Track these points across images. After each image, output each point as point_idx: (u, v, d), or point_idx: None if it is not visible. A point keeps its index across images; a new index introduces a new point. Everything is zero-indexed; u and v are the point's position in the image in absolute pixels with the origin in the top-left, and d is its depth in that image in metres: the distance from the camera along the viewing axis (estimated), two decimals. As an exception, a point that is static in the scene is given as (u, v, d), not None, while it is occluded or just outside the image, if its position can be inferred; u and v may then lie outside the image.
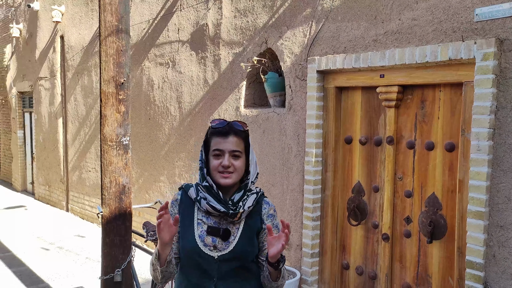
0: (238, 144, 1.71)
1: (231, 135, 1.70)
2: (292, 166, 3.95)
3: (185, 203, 1.77)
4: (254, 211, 1.75)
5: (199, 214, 1.74)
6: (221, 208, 1.67)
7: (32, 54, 9.07)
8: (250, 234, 1.73)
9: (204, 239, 1.70)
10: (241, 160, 1.71)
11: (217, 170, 1.69)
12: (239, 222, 1.73)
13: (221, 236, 1.69)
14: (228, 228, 1.70)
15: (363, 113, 3.57)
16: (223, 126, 1.71)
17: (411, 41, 3.11)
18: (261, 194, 1.80)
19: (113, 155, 3.24)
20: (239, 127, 1.72)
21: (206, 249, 1.69)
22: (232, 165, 1.69)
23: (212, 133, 1.73)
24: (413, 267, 3.31)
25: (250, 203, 1.72)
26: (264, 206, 1.79)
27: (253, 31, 4.28)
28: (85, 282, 4.76)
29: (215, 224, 1.71)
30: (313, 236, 3.79)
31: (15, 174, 10.57)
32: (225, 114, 4.62)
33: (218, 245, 1.69)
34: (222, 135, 1.70)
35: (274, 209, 1.82)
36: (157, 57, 5.57)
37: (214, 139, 1.71)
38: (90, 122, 7.22)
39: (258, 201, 1.77)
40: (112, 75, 3.19)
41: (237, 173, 1.71)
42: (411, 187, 3.28)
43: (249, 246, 1.72)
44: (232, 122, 1.74)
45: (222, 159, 1.68)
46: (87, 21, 7.13)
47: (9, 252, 5.75)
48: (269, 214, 1.78)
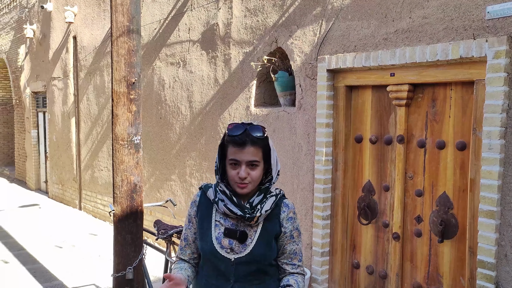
0: (256, 153, 1.64)
1: (248, 145, 1.62)
2: (302, 165, 3.96)
3: (204, 203, 1.76)
4: (273, 214, 1.71)
5: (217, 215, 1.73)
6: (238, 211, 1.66)
7: (46, 54, 9.20)
8: (268, 237, 1.70)
9: (221, 241, 1.69)
10: (259, 168, 1.66)
11: (235, 180, 1.66)
12: (257, 225, 1.70)
13: (238, 238, 1.67)
14: (245, 231, 1.68)
15: (373, 112, 3.56)
16: (240, 133, 1.62)
17: (422, 40, 3.09)
18: (280, 196, 1.75)
19: (124, 154, 3.28)
20: (257, 134, 1.64)
21: (223, 251, 1.68)
22: (249, 176, 1.64)
23: (229, 141, 1.65)
24: (424, 267, 3.29)
25: (268, 206, 1.68)
26: (283, 209, 1.74)
27: (263, 30, 4.29)
28: (98, 279, 4.82)
29: (233, 226, 1.70)
30: (323, 235, 3.79)
31: (29, 173, 10.73)
32: (235, 113, 4.64)
33: (235, 248, 1.68)
34: (238, 145, 1.62)
35: (293, 211, 1.77)
36: (168, 56, 5.61)
37: (230, 147, 1.65)
38: (102, 121, 7.30)
39: (277, 204, 1.73)
40: (123, 75, 3.23)
41: (253, 182, 1.67)
42: (422, 186, 3.27)
43: (267, 249, 1.69)
44: (250, 127, 1.65)
45: (239, 169, 1.63)
46: (99, 21, 7.20)
47: (24, 250, 5.84)
48: (289, 217, 1.74)
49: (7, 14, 11.69)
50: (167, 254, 3.50)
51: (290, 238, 1.74)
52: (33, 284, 4.71)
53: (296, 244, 1.75)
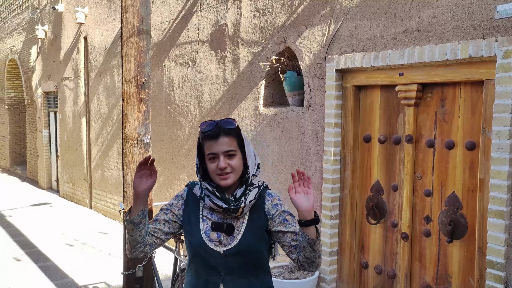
0: (231, 143, 1.70)
1: (221, 136, 1.69)
2: (310, 165, 3.97)
3: (191, 200, 1.81)
4: (257, 205, 1.75)
5: (204, 211, 1.77)
6: (223, 204, 1.70)
7: (57, 55, 9.30)
8: (254, 228, 1.73)
9: (210, 235, 1.72)
10: (237, 157, 1.71)
11: (216, 173, 1.70)
12: (243, 216, 1.74)
13: (225, 231, 1.71)
14: (232, 223, 1.72)
15: (382, 112, 3.56)
16: (212, 128, 1.70)
17: (431, 39, 3.09)
18: (263, 188, 1.79)
19: (134, 153, 3.31)
20: (228, 125, 1.71)
21: (212, 245, 1.71)
22: (228, 165, 1.69)
23: (203, 138, 1.72)
24: (433, 267, 3.28)
25: (251, 197, 1.72)
26: (267, 198, 1.77)
27: (272, 30, 4.31)
28: (108, 277, 4.88)
29: (219, 219, 1.74)
30: (331, 234, 3.80)
31: (41, 172, 10.86)
32: (244, 113, 4.66)
33: (223, 240, 1.71)
34: (212, 138, 1.69)
35: (278, 198, 1.79)
36: (177, 57, 5.65)
37: (206, 143, 1.72)
38: (112, 121, 7.37)
39: (261, 195, 1.77)
40: (133, 75, 3.26)
41: (235, 172, 1.71)
42: (431, 186, 3.26)
43: (254, 240, 1.72)
44: (221, 121, 1.72)
45: (218, 161, 1.68)
46: (110, 22, 7.27)
47: (35, 248, 5.93)
48: (273, 205, 1.77)
49: (19, 15, 11.84)
50: (176, 252, 3.53)
51: (283, 222, 1.74)
52: (45, 281, 4.77)
53: (293, 225, 1.74)
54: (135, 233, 1.71)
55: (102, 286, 4.67)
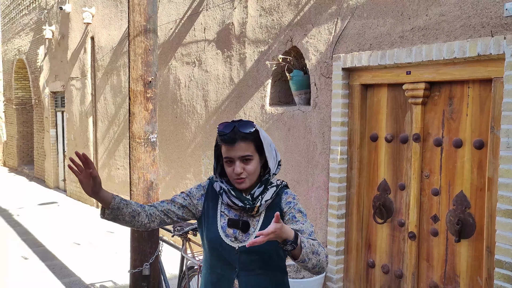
0: (247, 148, 1.69)
1: (238, 141, 1.68)
2: (317, 164, 3.96)
3: (211, 194, 1.83)
4: (274, 203, 1.76)
5: (222, 206, 1.79)
6: (239, 203, 1.72)
7: (64, 55, 9.36)
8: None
9: (226, 230, 1.74)
10: (254, 161, 1.72)
11: (232, 177, 1.73)
12: (259, 215, 1.75)
13: (241, 228, 1.72)
14: (248, 221, 1.73)
15: (389, 111, 3.54)
16: (228, 132, 1.68)
17: (439, 37, 3.07)
18: (282, 187, 1.79)
19: (141, 152, 3.32)
20: (245, 130, 1.69)
21: (228, 240, 1.73)
22: (244, 171, 1.70)
23: (221, 141, 1.73)
24: (441, 266, 3.26)
25: (268, 196, 1.73)
26: (283, 197, 1.78)
27: (278, 29, 4.30)
28: (115, 275, 4.90)
29: (236, 216, 1.75)
30: (338, 234, 3.79)
31: (48, 172, 10.93)
32: (250, 112, 4.66)
33: (238, 237, 1.73)
34: (229, 143, 1.69)
35: (293, 197, 1.78)
36: (183, 56, 5.66)
37: (223, 147, 1.73)
38: (119, 120, 7.40)
39: (278, 194, 1.78)
40: (140, 74, 3.27)
41: (250, 176, 1.72)
42: (439, 185, 3.24)
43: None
44: (238, 124, 1.70)
45: (234, 165, 1.70)
46: (117, 22, 7.30)
47: (43, 247, 5.96)
48: (287, 202, 1.76)
49: (27, 15, 11.92)
50: (182, 250, 3.53)
51: (292, 219, 1.73)
52: (52, 280, 4.80)
53: (301, 223, 1.71)
54: (121, 223, 1.72)
55: (109, 284, 4.69)
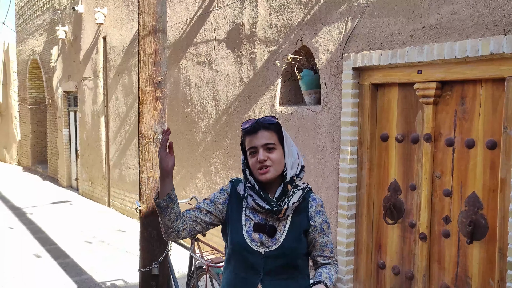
0: (270, 137, 1.71)
1: (261, 130, 1.71)
2: (327, 164, 3.93)
3: (234, 197, 1.81)
4: (300, 208, 1.75)
5: (247, 210, 1.77)
6: (265, 205, 1.69)
7: (77, 55, 9.45)
8: (296, 231, 1.73)
9: (252, 235, 1.72)
10: (277, 152, 1.70)
11: (256, 168, 1.70)
12: (286, 219, 1.73)
13: (267, 233, 1.71)
14: (274, 225, 1.71)
15: (399, 110, 3.50)
16: (251, 124, 1.73)
17: (451, 36, 3.02)
18: (307, 190, 1.78)
19: (150, 152, 3.34)
20: (268, 121, 1.73)
21: (253, 245, 1.71)
22: (268, 158, 1.68)
23: (244, 134, 1.76)
24: (452, 268, 3.22)
25: (295, 199, 1.71)
26: (311, 203, 1.77)
27: (288, 28, 4.29)
28: (125, 274, 4.93)
29: (262, 220, 1.73)
30: (348, 234, 3.76)
31: (61, 171, 11.05)
32: (260, 111, 4.65)
33: (265, 242, 1.71)
34: (252, 133, 1.72)
35: (321, 205, 1.79)
36: (194, 56, 5.67)
37: (247, 138, 1.74)
38: (130, 120, 7.45)
39: (305, 198, 1.76)
40: (149, 74, 3.29)
41: (275, 165, 1.69)
42: (450, 185, 3.19)
43: (296, 243, 1.72)
44: (261, 118, 1.75)
45: (257, 155, 1.69)
46: (128, 22, 7.35)
47: (55, 245, 6.03)
48: (317, 211, 1.77)
49: (41, 16, 12.08)
50: (191, 250, 3.54)
51: (320, 231, 1.77)
52: (64, 277, 4.85)
53: (326, 236, 1.78)
54: (163, 218, 1.70)
55: (120, 283, 4.72)
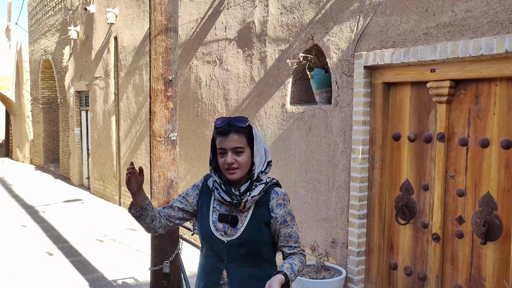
0: (240, 140, 1.81)
1: (232, 133, 1.80)
2: (338, 163, 3.91)
3: (205, 191, 1.95)
4: (263, 201, 1.86)
5: (215, 202, 1.91)
6: (227, 198, 1.82)
7: (88, 55, 9.53)
8: (257, 222, 1.84)
9: (216, 225, 1.86)
10: (245, 154, 1.82)
11: (224, 168, 1.83)
12: (247, 210, 1.85)
13: (230, 222, 1.83)
14: (236, 216, 1.84)
15: (412, 109, 3.46)
16: (224, 125, 1.81)
17: (465, 34, 2.98)
18: (271, 184, 1.88)
19: (161, 150, 3.35)
20: (240, 124, 1.81)
21: (218, 234, 1.84)
22: (235, 161, 1.80)
23: (216, 133, 1.85)
24: (466, 269, 3.17)
25: (256, 192, 1.82)
26: (272, 196, 1.87)
27: (299, 27, 4.27)
28: (136, 272, 4.95)
29: (226, 212, 1.86)
30: (359, 234, 3.73)
31: (73, 170, 11.15)
32: (271, 111, 4.64)
33: (228, 231, 1.84)
34: (223, 135, 1.81)
35: (283, 198, 1.88)
36: (204, 55, 5.68)
37: (218, 138, 1.84)
38: (141, 119, 7.49)
39: (267, 191, 1.87)
40: (161, 73, 3.29)
41: (242, 167, 1.82)
42: (464, 185, 3.15)
43: (256, 233, 1.82)
44: (233, 119, 1.83)
45: (226, 156, 1.80)
46: (139, 22, 7.39)
47: (67, 243, 6.08)
48: (278, 204, 1.86)
49: (53, 16, 12.19)
50: (202, 249, 3.54)
51: (283, 223, 1.86)
52: (76, 275, 4.89)
53: (290, 227, 1.87)
54: (140, 222, 1.93)
55: (131, 281, 4.74)
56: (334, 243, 3.95)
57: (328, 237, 4.01)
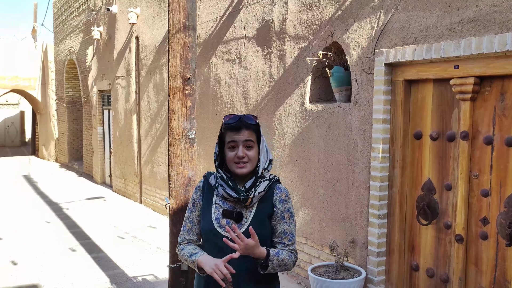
0: (250, 135, 1.86)
1: (243, 129, 1.84)
2: (357, 162, 3.85)
3: (207, 189, 1.97)
4: (267, 196, 1.89)
5: (217, 199, 1.93)
6: (233, 194, 1.85)
7: (111, 54, 9.67)
8: (261, 217, 1.88)
9: (220, 221, 1.88)
10: (254, 150, 1.87)
11: (233, 161, 1.85)
12: (252, 206, 1.88)
13: (234, 218, 1.86)
14: (241, 212, 1.87)
15: (434, 107, 3.38)
16: (235, 121, 1.85)
17: (490, 29, 2.89)
18: (274, 181, 1.93)
19: (179, 148, 3.36)
20: (251, 121, 1.86)
21: (221, 230, 1.87)
22: (246, 155, 1.84)
23: (226, 128, 1.87)
24: (490, 271, 3.08)
25: (261, 188, 1.86)
26: (276, 191, 1.91)
27: (318, 25, 4.22)
28: (156, 270, 5.00)
29: (230, 208, 1.89)
30: (379, 234, 3.67)
31: (95, 168, 11.35)
32: (290, 109, 4.61)
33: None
34: (235, 130, 1.84)
35: (286, 194, 1.92)
36: (224, 53, 5.68)
37: (228, 134, 1.87)
38: (161, 118, 7.55)
39: (271, 187, 1.91)
40: (179, 71, 3.30)
41: (251, 162, 1.86)
42: (489, 185, 3.05)
43: (260, 228, 1.84)
44: (244, 116, 1.87)
45: (237, 150, 1.83)
46: (160, 21, 7.45)
47: (89, 239, 6.19)
48: (281, 199, 1.90)
49: (77, 17, 12.43)
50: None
51: (281, 219, 1.90)
52: (98, 271, 4.97)
53: (287, 224, 1.90)
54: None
55: (150, 278, 4.79)
56: (354, 243, 3.89)
57: (348, 237, 3.96)
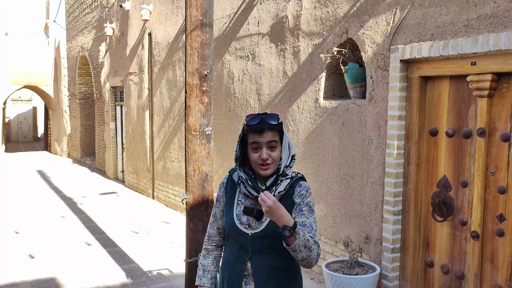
0: (274, 136, 1.83)
1: (266, 130, 1.81)
2: (372, 159, 3.86)
3: (230, 185, 1.99)
4: (288, 194, 1.87)
5: (240, 195, 1.94)
6: (254, 193, 1.85)
7: (123, 51, 9.74)
8: None
9: (241, 218, 1.90)
10: (277, 150, 1.85)
11: (257, 163, 1.84)
12: None
13: (255, 216, 1.85)
14: (261, 210, 1.83)
15: (450, 104, 3.37)
16: (257, 123, 1.81)
17: (508, 25, 2.87)
18: (296, 179, 1.90)
19: (196, 144, 3.39)
20: (273, 121, 1.82)
21: (242, 227, 1.88)
22: (270, 157, 1.82)
23: (248, 130, 1.84)
24: (506, 268, 3.08)
25: (282, 188, 1.85)
26: (297, 188, 1.89)
27: (333, 21, 4.22)
28: (170, 264, 5.06)
29: (251, 205, 1.89)
30: (394, 230, 3.68)
31: (108, 163, 11.46)
32: (304, 105, 4.62)
33: (252, 224, 1.87)
34: (258, 132, 1.81)
35: (306, 190, 1.89)
36: (237, 50, 5.70)
37: (250, 135, 1.84)
38: (174, 114, 7.61)
39: (292, 185, 1.89)
40: (196, 68, 3.33)
41: (275, 163, 1.85)
42: (505, 182, 3.05)
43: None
44: (265, 116, 1.82)
45: (261, 152, 1.82)
46: (173, 18, 7.49)
47: (104, 234, 6.27)
48: (300, 194, 1.87)
49: (89, 14, 12.52)
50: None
51: (299, 211, 1.86)
52: (113, 265, 5.04)
53: (305, 217, 1.85)
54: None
55: (165, 272, 4.85)
56: (368, 239, 3.91)
57: (362, 233, 3.97)
